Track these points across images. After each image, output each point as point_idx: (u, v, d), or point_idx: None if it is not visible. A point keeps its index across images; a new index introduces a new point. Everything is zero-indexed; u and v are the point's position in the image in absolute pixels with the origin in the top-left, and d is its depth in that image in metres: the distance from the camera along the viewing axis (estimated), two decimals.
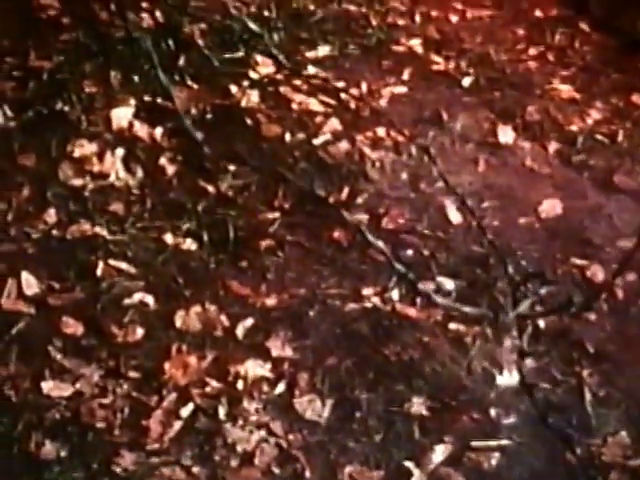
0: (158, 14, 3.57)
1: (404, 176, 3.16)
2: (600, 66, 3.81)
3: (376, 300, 2.73)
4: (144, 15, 3.53)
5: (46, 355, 2.46)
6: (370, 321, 2.68)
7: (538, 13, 4.10)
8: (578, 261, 2.94)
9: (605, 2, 4.03)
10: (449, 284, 2.81)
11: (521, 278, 2.65)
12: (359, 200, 3.03)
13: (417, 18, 3.92)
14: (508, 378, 2.57)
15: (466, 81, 3.62)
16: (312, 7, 3.85)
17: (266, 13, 3.71)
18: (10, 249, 2.71)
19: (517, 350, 2.62)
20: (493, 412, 2.49)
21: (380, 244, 2.85)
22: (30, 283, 2.62)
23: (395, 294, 2.75)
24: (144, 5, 3.58)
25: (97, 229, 2.79)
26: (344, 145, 3.22)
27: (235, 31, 3.50)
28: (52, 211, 2.83)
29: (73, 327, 2.54)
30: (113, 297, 2.63)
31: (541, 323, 2.69)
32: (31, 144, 3.00)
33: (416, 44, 3.76)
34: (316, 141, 3.22)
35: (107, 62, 3.29)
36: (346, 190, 3.05)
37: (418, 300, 2.73)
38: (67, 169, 2.95)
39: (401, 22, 3.88)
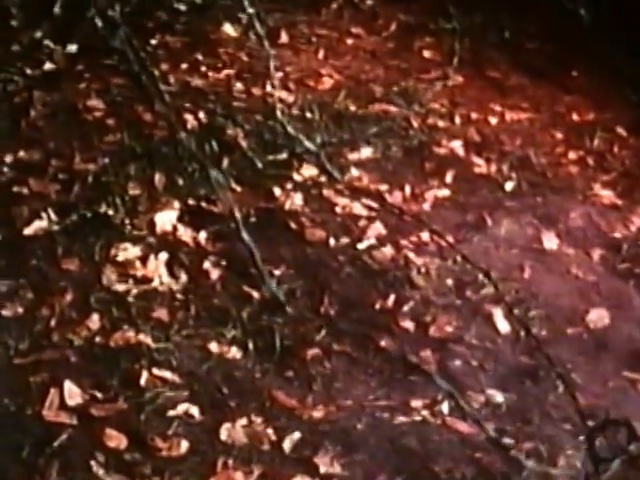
0: (202, 115, 3.59)
1: (449, 282, 3.11)
2: None
3: (425, 413, 2.65)
4: (188, 117, 3.55)
5: (88, 470, 2.36)
6: (420, 435, 2.59)
7: (575, 117, 4.11)
8: (629, 374, 2.87)
9: None
10: (499, 397, 2.74)
11: (597, 424, 2.50)
12: (405, 308, 2.98)
13: (457, 120, 3.92)
14: None
15: (508, 185, 3.59)
16: (353, 108, 3.86)
17: (308, 115, 3.72)
18: (53, 357, 2.64)
19: (573, 470, 2.54)
20: None
21: (429, 354, 2.81)
22: (73, 393, 2.55)
23: (445, 407, 2.67)
24: (188, 106, 3.60)
25: (141, 336, 2.72)
26: (388, 250, 3.18)
27: (278, 133, 3.49)
28: (95, 317, 2.77)
29: (116, 440, 2.45)
30: (157, 408, 2.54)
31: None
32: (74, 248, 2.97)
33: (457, 146, 3.75)
34: (360, 246, 3.18)
35: (151, 164, 3.28)
36: (392, 297, 3.00)
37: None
38: (110, 274, 2.91)
39: (441, 124, 3.87)
